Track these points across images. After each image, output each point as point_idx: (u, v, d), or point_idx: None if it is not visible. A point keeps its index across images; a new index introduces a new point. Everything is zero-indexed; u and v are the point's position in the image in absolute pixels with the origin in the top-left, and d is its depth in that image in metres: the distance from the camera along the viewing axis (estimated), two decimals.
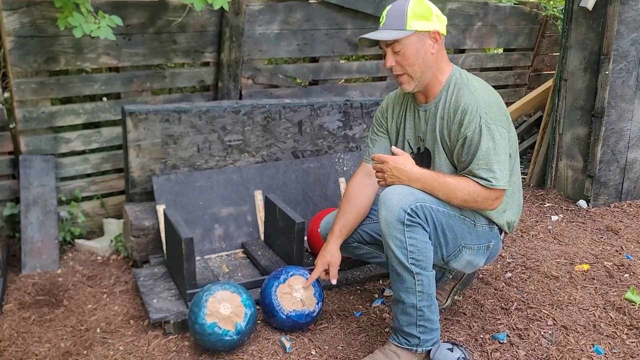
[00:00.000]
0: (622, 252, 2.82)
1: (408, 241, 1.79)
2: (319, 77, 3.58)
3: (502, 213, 1.98)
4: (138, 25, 2.95)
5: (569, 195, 3.56)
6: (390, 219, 1.78)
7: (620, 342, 2.10)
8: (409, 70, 1.89)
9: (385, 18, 1.90)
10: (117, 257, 2.90)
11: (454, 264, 1.98)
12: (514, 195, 2.02)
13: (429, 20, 1.88)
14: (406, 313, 1.87)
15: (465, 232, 1.93)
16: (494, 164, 1.80)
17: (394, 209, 1.78)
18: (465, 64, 4.20)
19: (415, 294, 1.84)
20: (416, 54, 1.87)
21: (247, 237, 2.82)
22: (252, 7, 3.21)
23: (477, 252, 1.99)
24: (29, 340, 2.19)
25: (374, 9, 3.52)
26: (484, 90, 1.89)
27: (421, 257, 1.81)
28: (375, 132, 2.17)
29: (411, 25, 1.85)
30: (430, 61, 1.90)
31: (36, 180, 2.84)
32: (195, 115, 2.80)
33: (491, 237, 2.01)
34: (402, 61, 1.88)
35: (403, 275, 1.83)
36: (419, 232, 1.79)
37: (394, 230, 1.78)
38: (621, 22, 3.15)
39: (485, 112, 1.82)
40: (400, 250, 1.79)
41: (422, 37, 1.87)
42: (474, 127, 1.82)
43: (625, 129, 3.35)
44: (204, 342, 2.00)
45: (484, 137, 1.80)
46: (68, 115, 2.95)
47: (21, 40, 2.71)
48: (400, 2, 1.89)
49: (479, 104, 1.83)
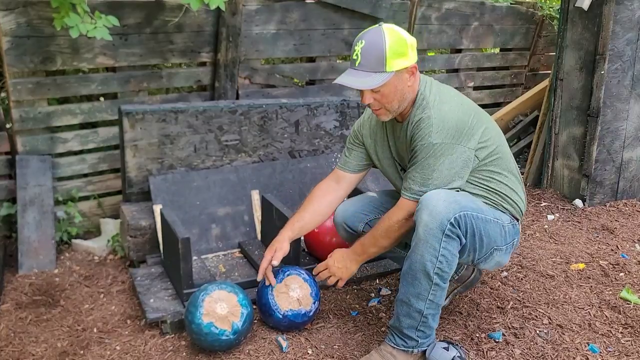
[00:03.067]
0: (618, 251, 2.83)
1: (441, 251, 1.78)
2: (315, 77, 3.59)
3: (513, 200, 2.00)
4: (135, 25, 2.95)
5: (565, 195, 3.57)
6: (431, 226, 1.76)
7: (615, 340, 2.11)
8: (387, 106, 1.88)
9: (360, 57, 1.81)
10: (114, 257, 2.90)
11: (483, 265, 1.99)
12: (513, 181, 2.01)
13: (406, 56, 1.83)
14: (410, 316, 1.87)
15: (498, 235, 1.93)
16: (430, 180, 1.82)
17: (438, 216, 1.76)
18: (462, 64, 4.21)
19: (426, 302, 1.84)
20: (395, 92, 1.85)
21: (243, 236, 2.82)
22: (248, 7, 3.21)
23: (505, 252, 2.01)
24: (25, 340, 2.20)
25: (370, 9, 3.53)
26: (443, 105, 1.87)
27: (447, 269, 1.81)
28: (352, 142, 2.18)
29: (391, 66, 1.80)
30: (407, 93, 1.88)
31: (33, 180, 2.84)
32: (192, 115, 2.80)
33: (515, 234, 2.03)
34: (381, 99, 1.86)
35: (420, 281, 1.82)
36: (454, 245, 1.79)
37: (432, 238, 1.77)
38: (617, 22, 3.16)
39: (436, 130, 1.82)
40: (430, 259, 1.78)
41: (400, 74, 1.83)
42: (420, 140, 1.83)
43: (621, 129, 3.36)
44: (201, 341, 2.01)
45: (427, 153, 1.82)
46: (65, 115, 2.95)
47: (18, 40, 2.71)
48: (376, 39, 1.80)
49: (431, 120, 1.83)
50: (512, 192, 2.00)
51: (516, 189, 2.02)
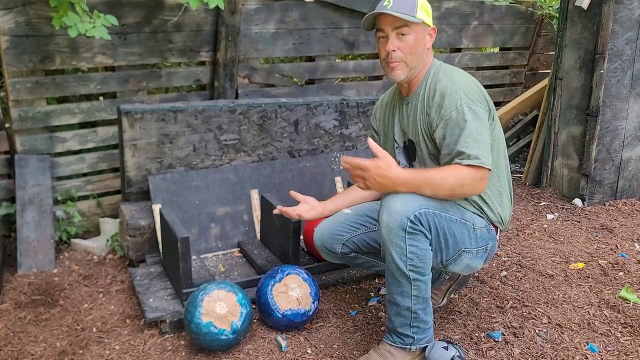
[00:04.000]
0: (617, 251, 2.83)
1: (409, 249, 1.77)
2: (315, 76, 3.58)
3: (496, 205, 1.97)
4: (134, 24, 2.94)
5: (564, 194, 3.57)
6: (392, 225, 1.76)
7: (615, 340, 2.11)
8: (408, 58, 1.88)
9: (392, 2, 1.84)
10: (113, 257, 2.90)
11: (452, 268, 1.97)
12: (503, 183, 2.00)
13: (430, 16, 1.92)
14: (400, 315, 1.87)
15: (466, 237, 1.91)
16: (480, 143, 1.77)
17: (396, 215, 1.75)
18: (462, 63, 4.20)
19: (411, 298, 1.84)
20: (417, 44, 1.88)
21: (243, 236, 2.82)
22: (248, 6, 3.20)
23: (475, 256, 1.98)
24: (24, 340, 2.20)
25: (370, 8, 3.52)
26: (462, 75, 1.90)
27: (420, 264, 1.80)
28: (372, 134, 2.21)
29: (420, 15, 1.86)
30: (424, 55, 1.92)
31: (32, 180, 2.83)
32: (191, 114, 2.80)
33: (489, 239, 1.99)
34: (404, 48, 1.87)
35: (400, 280, 1.82)
36: (420, 240, 1.78)
37: (395, 237, 1.76)
38: (616, 21, 3.16)
39: (465, 93, 1.81)
40: (400, 257, 1.78)
41: (424, 29, 1.90)
42: (456, 107, 1.80)
43: (620, 128, 3.36)
44: (200, 341, 2.01)
45: (468, 117, 1.78)
46: (64, 114, 2.95)
47: (16, 39, 2.71)
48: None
49: (457, 87, 1.83)
50: (499, 201, 1.98)
51: (503, 199, 2.00)
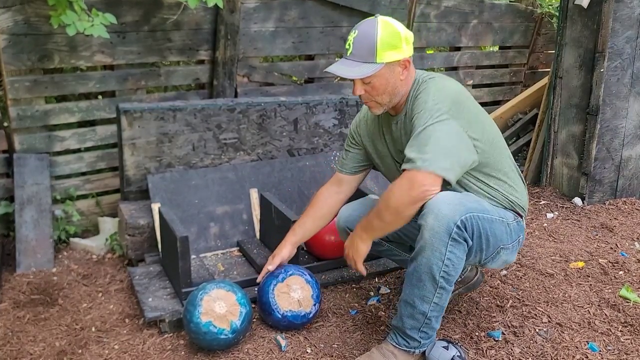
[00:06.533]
0: (617, 250, 2.82)
1: (448, 255, 1.76)
2: (314, 74, 3.58)
3: (518, 195, 1.97)
4: (132, 23, 2.93)
5: (564, 193, 3.57)
6: (438, 229, 1.74)
7: (615, 339, 2.10)
8: (378, 98, 1.87)
9: (352, 47, 1.81)
10: (112, 256, 2.89)
11: (490, 265, 1.97)
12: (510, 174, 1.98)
13: (399, 49, 1.81)
14: (413, 318, 1.86)
15: (504, 234, 1.91)
16: (427, 146, 1.72)
17: (443, 219, 1.73)
18: (461, 62, 4.20)
19: (430, 304, 1.83)
20: (386, 84, 1.83)
21: (242, 235, 2.81)
22: (247, 4, 3.20)
23: (511, 250, 1.98)
24: (23, 340, 2.19)
25: (369, 7, 3.52)
26: (437, 91, 1.82)
27: (453, 272, 1.79)
28: (349, 144, 2.18)
29: (381, 58, 1.79)
30: (399, 87, 1.86)
31: (30, 179, 2.83)
32: (190, 113, 2.79)
33: (519, 231, 2.00)
34: (372, 91, 1.85)
35: (425, 284, 1.80)
36: (460, 249, 1.77)
37: (438, 242, 1.74)
38: (616, 19, 3.16)
39: (433, 110, 1.76)
40: (437, 262, 1.76)
41: (392, 67, 1.82)
42: (419, 110, 1.80)
43: (620, 127, 3.36)
44: (199, 340, 2.00)
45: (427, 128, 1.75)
46: (62, 113, 2.94)
47: (15, 38, 2.70)
48: (368, 29, 1.80)
49: (427, 105, 1.79)
50: (512, 189, 1.98)
51: (517, 186, 2.00)
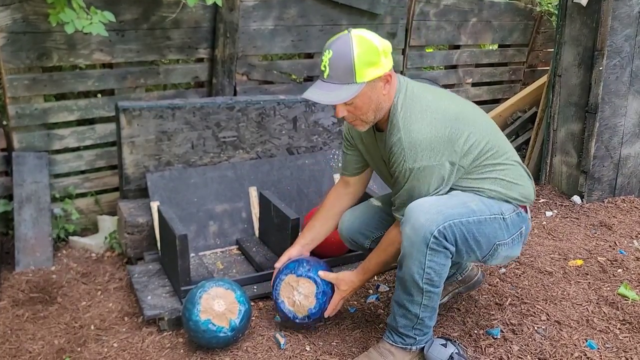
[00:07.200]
0: (616, 248, 2.83)
1: (427, 264, 1.76)
2: (313, 73, 3.58)
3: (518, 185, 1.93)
4: (131, 21, 2.93)
5: (563, 191, 3.57)
6: (415, 239, 1.74)
7: (614, 337, 2.11)
8: (363, 117, 1.81)
9: (328, 68, 1.71)
10: (111, 254, 2.89)
11: (492, 262, 1.95)
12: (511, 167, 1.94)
13: (378, 65, 1.72)
14: (406, 317, 1.87)
15: (497, 231, 1.87)
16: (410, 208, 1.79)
17: (420, 229, 1.73)
18: (460, 60, 4.20)
19: (420, 306, 1.84)
20: (369, 102, 1.76)
21: (241, 233, 2.82)
22: (246, 2, 3.19)
23: (512, 245, 1.93)
24: (22, 338, 2.19)
25: (368, 5, 3.52)
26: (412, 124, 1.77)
27: (436, 277, 1.79)
28: (345, 146, 2.15)
29: (362, 77, 1.70)
30: (382, 102, 1.80)
31: (29, 177, 2.82)
32: (190, 111, 2.79)
33: (520, 222, 1.94)
34: (355, 111, 1.79)
35: (412, 290, 1.82)
36: (440, 257, 1.77)
37: (417, 252, 1.75)
38: (615, 17, 3.15)
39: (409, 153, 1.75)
40: (417, 271, 1.77)
41: (373, 84, 1.74)
42: (398, 167, 1.80)
43: (619, 125, 3.36)
44: (198, 338, 2.00)
45: (407, 179, 1.79)
46: (61, 111, 2.94)
47: (13, 36, 2.69)
48: (343, 48, 1.69)
49: (403, 146, 1.76)
50: (516, 178, 1.93)
51: (520, 176, 1.95)
